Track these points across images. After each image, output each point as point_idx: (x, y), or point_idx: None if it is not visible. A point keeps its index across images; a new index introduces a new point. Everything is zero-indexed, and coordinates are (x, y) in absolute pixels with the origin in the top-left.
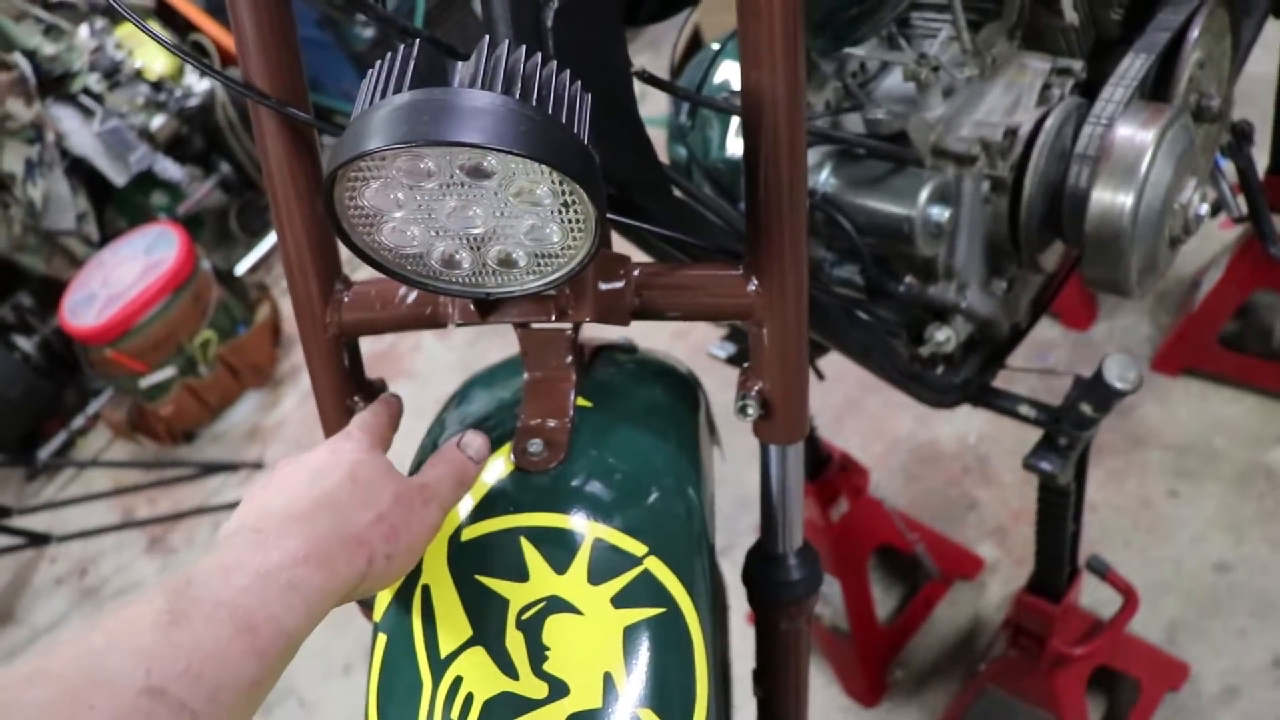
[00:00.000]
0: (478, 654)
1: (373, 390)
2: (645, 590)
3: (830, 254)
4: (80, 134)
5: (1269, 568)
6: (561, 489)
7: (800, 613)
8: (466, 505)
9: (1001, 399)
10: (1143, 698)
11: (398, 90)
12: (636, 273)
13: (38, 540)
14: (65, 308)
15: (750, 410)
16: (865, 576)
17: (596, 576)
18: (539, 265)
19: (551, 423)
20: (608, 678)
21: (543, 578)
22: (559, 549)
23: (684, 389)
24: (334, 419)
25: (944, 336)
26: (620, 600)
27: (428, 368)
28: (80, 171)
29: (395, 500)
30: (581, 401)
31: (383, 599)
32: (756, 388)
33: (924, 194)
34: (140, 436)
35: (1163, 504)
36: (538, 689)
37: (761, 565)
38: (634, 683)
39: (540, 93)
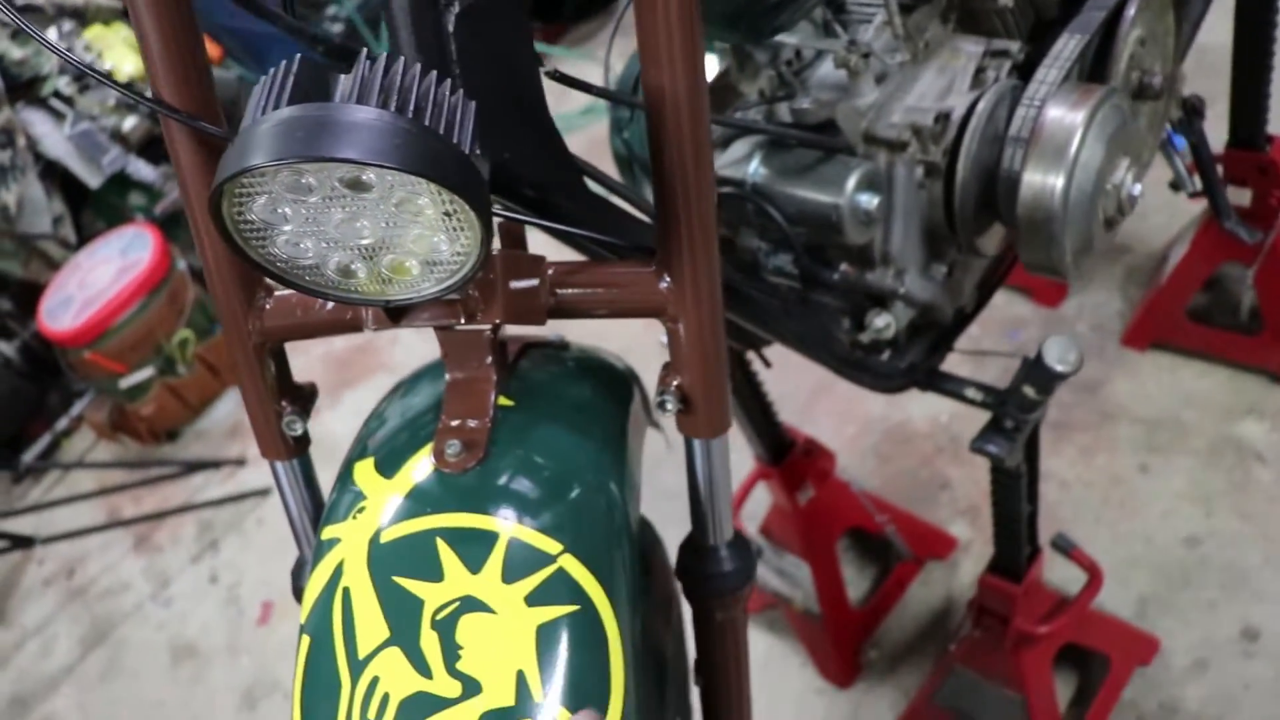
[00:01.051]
0: (394, 654)
1: (301, 395)
2: (559, 588)
3: (765, 243)
4: (52, 137)
5: (1238, 540)
6: (478, 489)
7: (735, 603)
8: (388, 507)
9: (948, 383)
10: (1112, 673)
11: (277, 105)
12: (551, 272)
13: (22, 543)
14: (43, 311)
15: (669, 405)
16: (835, 559)
17: (510, 575)
18: (432, 272)
19: (471, 423)
20: (520, 676)
21: (457, 578)
22: (474, 548)
23: (614, 383)
24: (263, 425)
25: (883, 323)
26: (534, 599)
27: (404, 360)
28: (54, 175)
29: None
30: (504, 400)
31: (307, 602)
32: (675, 383)
33: (851, 182)
34: (123, 437)
35: (1133, 479)
36: (451, 688)
37: (694, 558)
38: (546, 680)
39: (418, 104)
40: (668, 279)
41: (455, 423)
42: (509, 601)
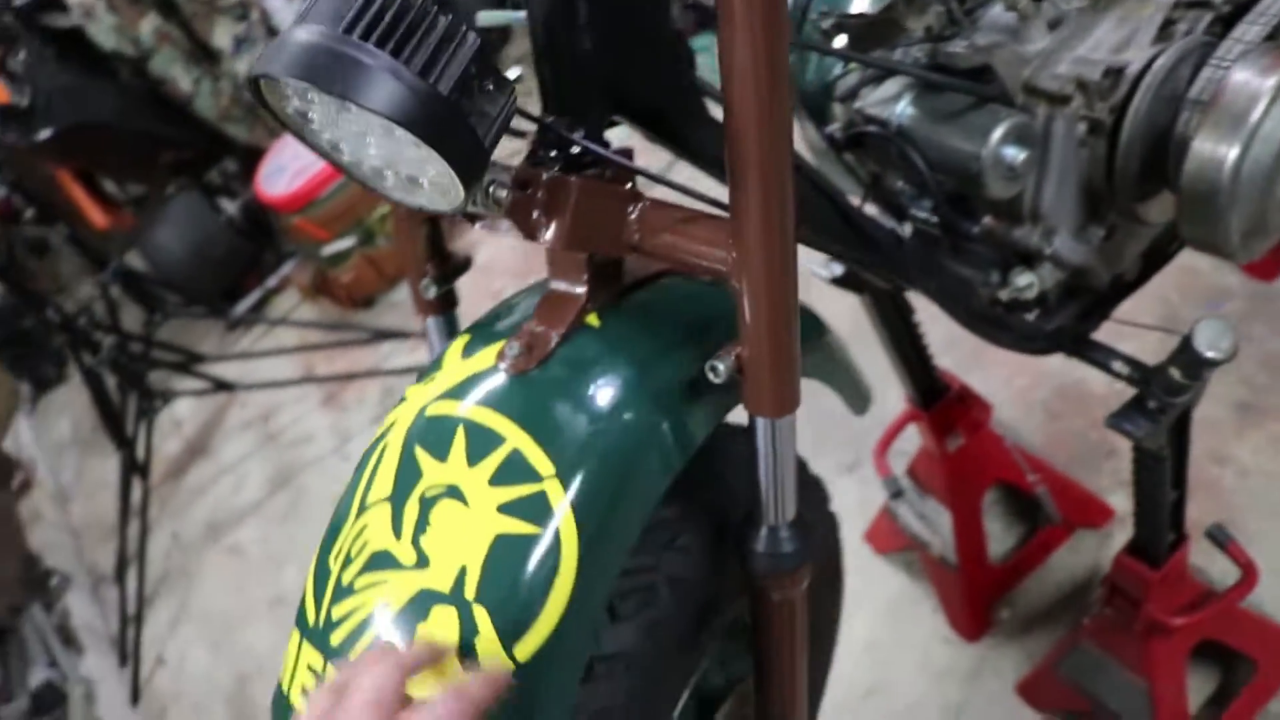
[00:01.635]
0: (384, 510)
1: (448, 262)
2: (531, 508)
3: (909, 187)
4: (285, 11)
5: None
6: (513, 393)
7: (793, 584)
8: (446, 384)
9: (1095, 351)
10: (1258, 678)
11: (301, 19)
12: (640, 206)
13: (223, 386)
14: (260, 176)
15: (717, 373)
16: (978, 511)
17: (496, 480)
18: (442, 190)
19: (543, 331)
20: (463, 570)
21: (456, 465)
22: (481, 445)
23: (719, 329)
24: (412, 284)
25: (1025, 282)
26: (505, 508)
27: None
28: None
29: None
30: (592, 320)
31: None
32: (736, 352)
33: (998, 133)
34: (323, 300)
35: None
36: (408, 555)
37: (753, 536)
38: (483, 583)
39: (401, 39)
40: (736, 239)
41: (535, 329)
42: (484, 503)
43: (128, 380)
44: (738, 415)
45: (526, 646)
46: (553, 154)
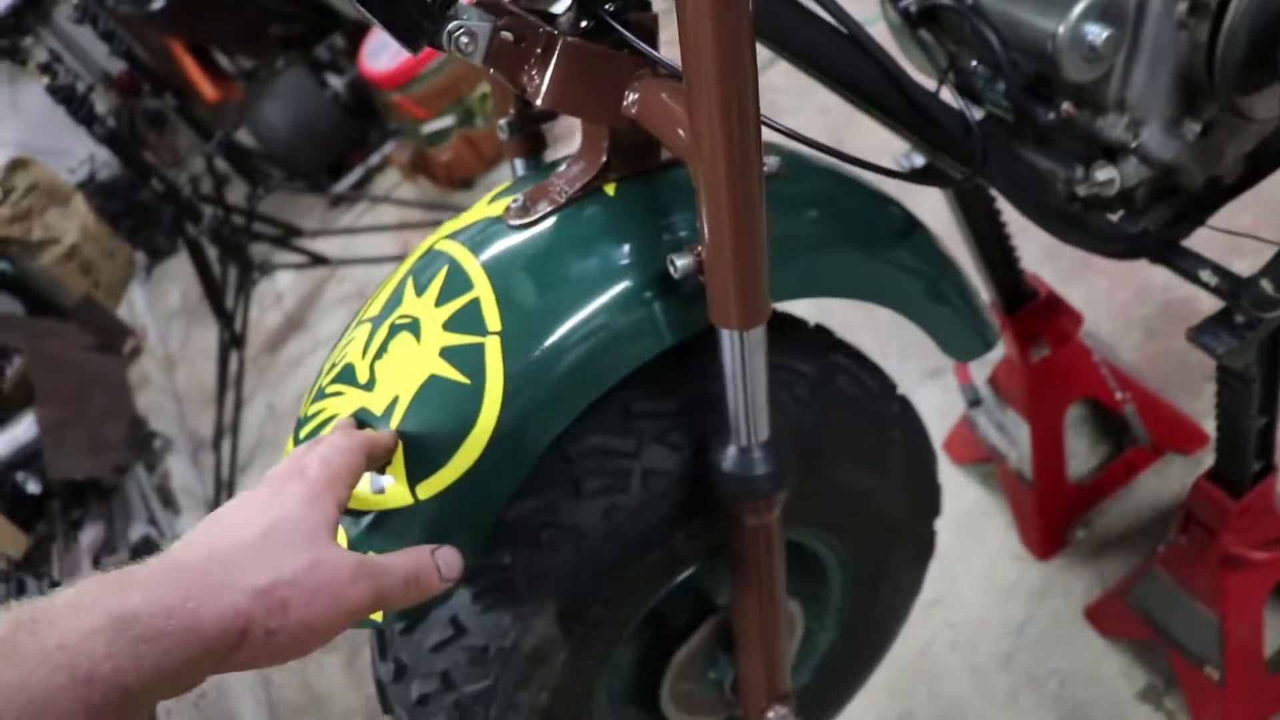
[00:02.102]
0: (366, 329)
1: (531, 103)
2: (467, 359)
3: (983, 68)
4: None
5: None
6: (497, 244)
7: (768, 509)
8: (462, 224)
9: (1181, 258)
10: None
11: None
12: (639, 76)
13: (320, 261)
14: (364, 52)
15: (675, 268)
16: (1059, 427)
17: (451, 325)
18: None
19: (554, 190)
20: (395, 399)
21: (427, 302)
22: (452, 288)
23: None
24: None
25: (1106, 177)
26: (447, 353)
27: None
28: None
29: (308, 569)
30: (609, 189)
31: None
32: (699, 249)
33: (1078, 9)
34: (422, 179)
35: None
36: (364, 375)
37: (723, 459)
38: (408, 415)
39: None
40: (690, 114)
41: (549, 185)
42: (433, 342)
43: (229, 252)
44: None
45: (428, 488)
46: (571, 17)
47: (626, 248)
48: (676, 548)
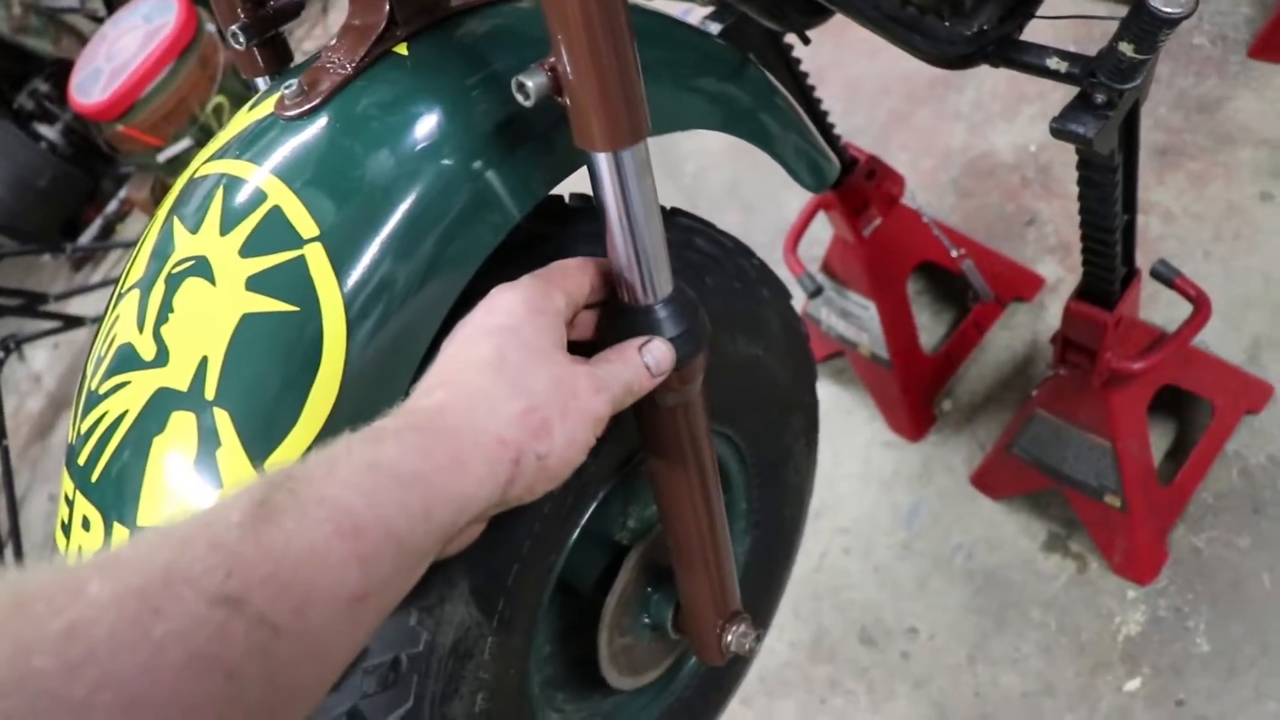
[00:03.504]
0: (133, 298)
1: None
2: (285, 280)
3: None
4: None
5: None
6: (280, 141)
7: (684, 380)
8: (224, 140)
9: (1024, 53)
10: (1216, 421)
11: None
12: None
13: (73, 322)
14: (73, 86)
15: (525, 93)
16: (905, 298)
17: (248, 249)
18: None
19: (335, 66)
20: (203, 362)
21: (208, 234)
22: (237, 207)
23: None
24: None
25: None
26: (255, 283)
27: None
28: None
29: (554, 385)
30: (400, 49)
31: None
32: (548, 64)
33: None
34: None
35: (1253, 209)
36: (149, 350)
37: (622, 323)
38: (225, 376)
39: None
40: None
41: (325, 64)
42: (233, 277)
43: None
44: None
45: (280, 460)
46: None
47: (443, 109)
48: (584, 470)
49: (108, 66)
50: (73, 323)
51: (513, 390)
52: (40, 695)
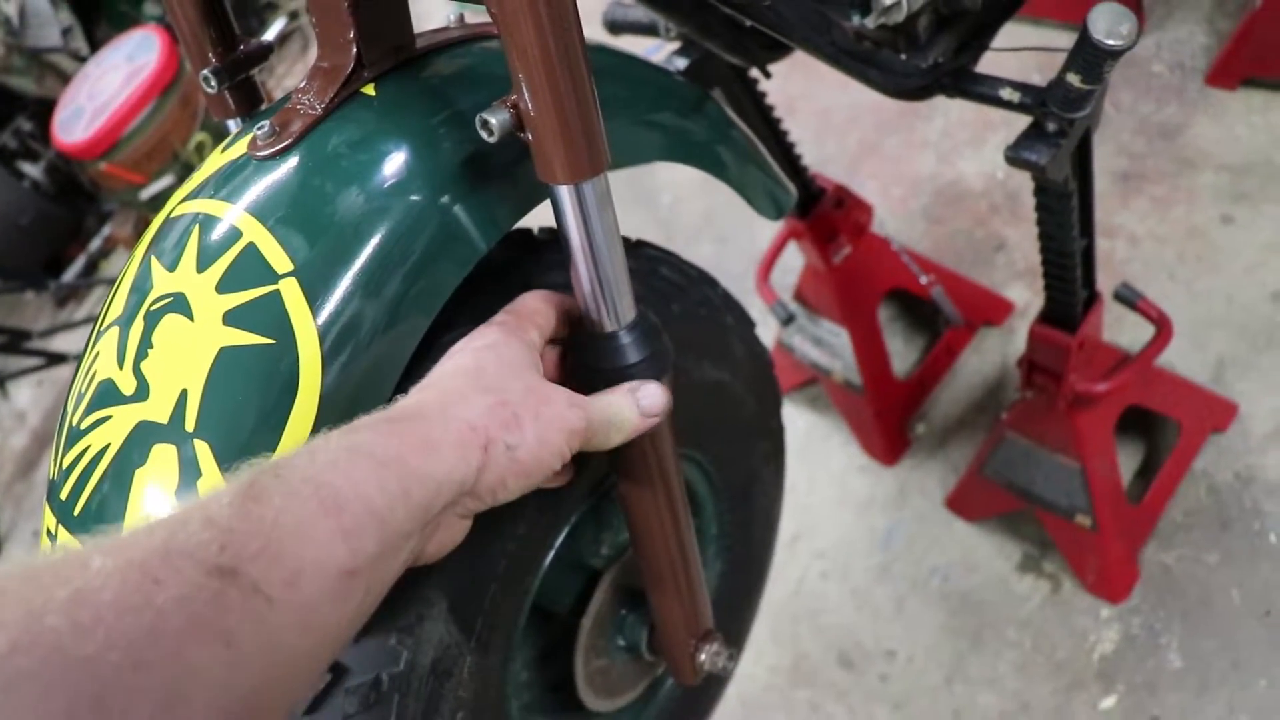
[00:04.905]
0: (112, 335)
1: (236, 44)
2: (261, 314)
3: None
4: None
5: None
6: (254, 180)
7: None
8: (199, 180)
9: (978, 84)
10: (1182, 440)
11: None
12: None
13: (56, 359)
14: (56, 125)
15: (489, 130)
16: (876, 325)
17: (225, 285)
18: None
19: (305, 108)
20: (183, 395)
21: (185, 272)
22: (214, 245)
23: None
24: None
25: (891, 0)
26: (232, 317)
27: None
28: None
29: (527, 390)
30: (367, 90)
31: None
32: (510, 101)
33: None
34: None
35: (1214, 232)
36: (128, 385)
37: (587, 351)
38: (205, 409)
39: None
40: None
41: (295, 105)
42: (210, 312)
43: None
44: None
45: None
46: None
47: (411, 147)
48: (558, 492)
49: (90, 105)
50: (56, 359)
51: (486, 389)
52: (53, 652)
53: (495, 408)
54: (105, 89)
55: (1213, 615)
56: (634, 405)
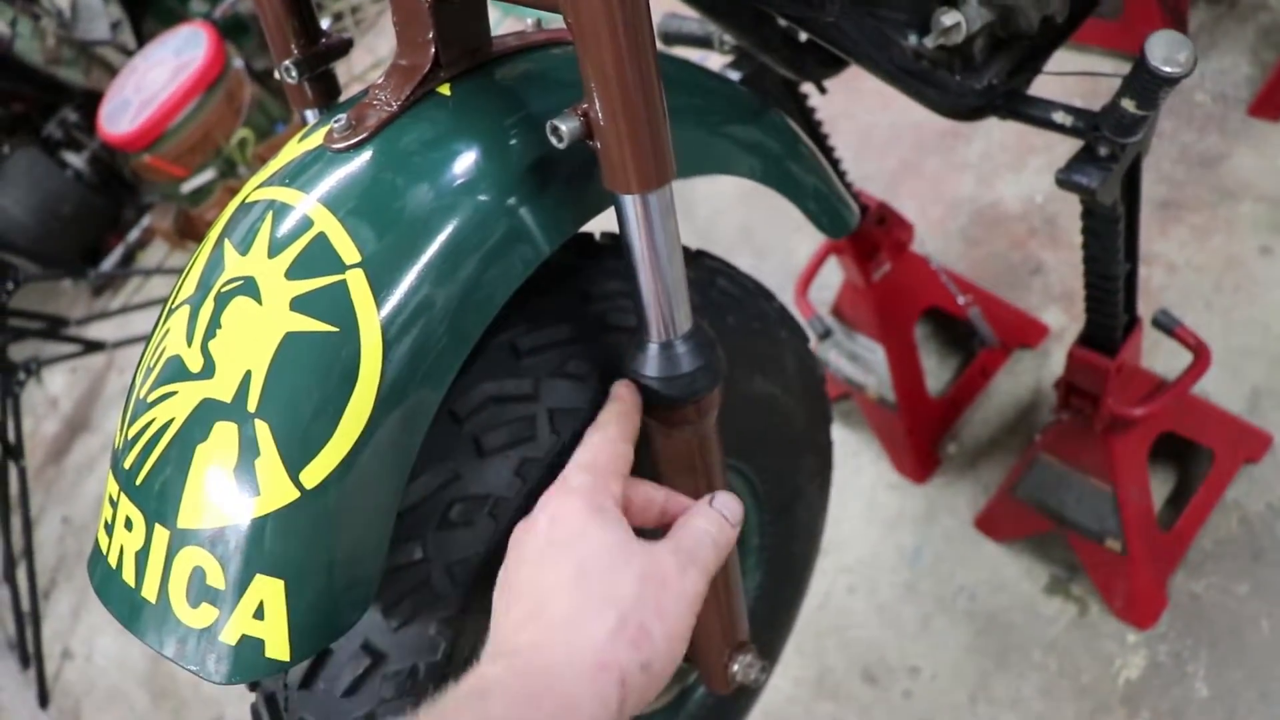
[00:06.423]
0: (184, 313)
1: (318, 39)
2: (329, 302)
3: None
4: None
5: None
6: (328, 172)
7: (700, 413)
8: (276, 168)
9: (1032, 106)
10: (1215, 469)
11: None
12: None
13: (93, 347)
14: (102, 116)
15: (559, 136)
16: (912, 342)
17: (295, 271)
18: None
19: (381, 104)
20: (247, 376)
21: (256, 256)
22: (286, 232)
23: None
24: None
25: (951, 21)
26: (299, 304)
27: None
28: None
29: (641, 582)
30: (443, 89)
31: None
32: (581, 109)
33: None
34: (190, 243)
35: (1253, 262)
36: (196, 362)
37: (644, 361)
38: (268, 391)
39: None
40: None
41: (372, 101)
42: (278, 297)
43: None
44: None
45: (315, 472)
46: None
47: (482, 147)
48: None
49: (136, 98)
50: (92, 347)
51: (600, 605)
52: None
53: (618, 631)
54: (152, 83)
55: (1241, 646)
56: (721, 518)
